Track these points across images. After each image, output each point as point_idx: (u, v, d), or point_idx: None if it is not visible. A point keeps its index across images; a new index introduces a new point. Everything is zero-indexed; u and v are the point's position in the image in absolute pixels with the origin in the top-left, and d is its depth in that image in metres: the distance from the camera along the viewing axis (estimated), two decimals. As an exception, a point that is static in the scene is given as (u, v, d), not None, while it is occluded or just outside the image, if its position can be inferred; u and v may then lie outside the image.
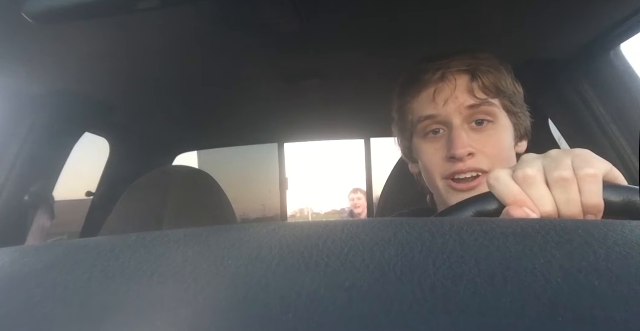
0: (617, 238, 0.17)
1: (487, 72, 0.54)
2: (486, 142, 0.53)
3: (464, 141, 0.52)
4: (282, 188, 1.84)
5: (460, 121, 0.54)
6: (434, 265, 0.15)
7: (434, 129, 0.56)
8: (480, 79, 0.53)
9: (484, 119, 0.54)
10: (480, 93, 0.54)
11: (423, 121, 0.56)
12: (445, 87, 0.54)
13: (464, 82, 0.54)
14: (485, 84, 0.54)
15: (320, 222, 0.23)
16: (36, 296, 0.16)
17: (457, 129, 0.53)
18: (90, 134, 1.18)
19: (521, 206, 0.33)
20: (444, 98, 0.54)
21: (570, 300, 0.13)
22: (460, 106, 0.53)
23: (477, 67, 0.54)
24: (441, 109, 0.54)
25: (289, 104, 1.23)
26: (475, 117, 0.54)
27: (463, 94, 0.54)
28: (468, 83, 0.54)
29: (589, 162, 0.33)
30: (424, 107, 0.56)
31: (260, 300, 0.14)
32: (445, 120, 0.54)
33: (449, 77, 0.54)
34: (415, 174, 0.65)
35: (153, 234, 0.22)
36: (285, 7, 0.65)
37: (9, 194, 0.91)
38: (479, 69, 0.54)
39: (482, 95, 0.54)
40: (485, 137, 0.53)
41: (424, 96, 0.56)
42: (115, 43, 0.74)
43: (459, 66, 0.54)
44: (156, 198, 0.75)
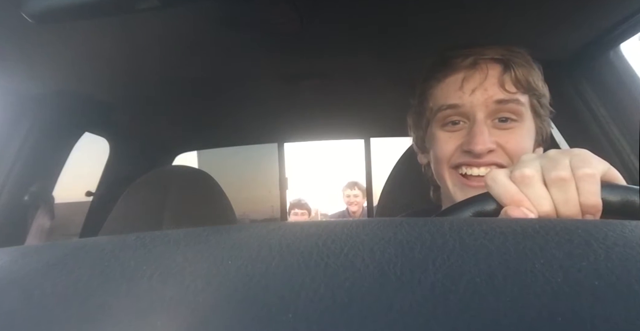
0: (617, 238, 0.17)
1: (520, 66, 0.51)
2: (509, 138, 0.50)
3: (486, 137, 0.49)
4: (282, 188, 1.84)
5: (484, 116, 0.51)
6: (434, 265, 0.15)
7: (454, 120, 0.53)
8: (513, 71, 0.50)
9: (509, 118, 0.51)
10: (512, 87, 0.51)
11: (445, 109, 0.53)
12: (476, 76, 0.51)
13: (496, 73, 0.51)
14: (518, 77, 0.50)
15: (320, 222, 0.23)
16: (36, 296, 0.16)
17: (479, 124, 0.50)
18: (90, 134, 1.18)
19: (519, 206, 0.33)
20: (472, 87, 0.51)
21: (570, 300, 0.13)
22: (489, 100, 0.50)
23: (511, 59, 0.51)
24: (467, 99, 0.51)
25: (289, 104, 1.23)
26: (500, 115, 0.51)
27: (493, 87, 0.51)
28: (500, 74, 0.51)
29: (586, 162, 0.32)
30: (448, 95, 0.53)
31: (260, 300, 0.14)
32: (469, 112, 0.51)
33: (481, 65, 0.51)
34: (423, 166, 0.63)
35: (153, 234, 0.22)
36: (285, 8, 0.65)
37: (9, 194, 0.91)
38: (513, 60, 0.51)
39: (513, 89, 0.50)
40: (508, 134, 0.51)
41: (451, 82, 0.53)
42: (115, 43, 0.74)
43: (493, 54, 0.51)
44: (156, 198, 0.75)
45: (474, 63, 0.52)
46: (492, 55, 0.51)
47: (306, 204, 2.52)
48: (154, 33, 0.72)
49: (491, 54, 0.51)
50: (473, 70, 0.52)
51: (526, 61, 0.52)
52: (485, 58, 0.51)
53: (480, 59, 0.52)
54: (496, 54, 0.51)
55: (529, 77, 0.51)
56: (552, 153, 0.35)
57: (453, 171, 0.53)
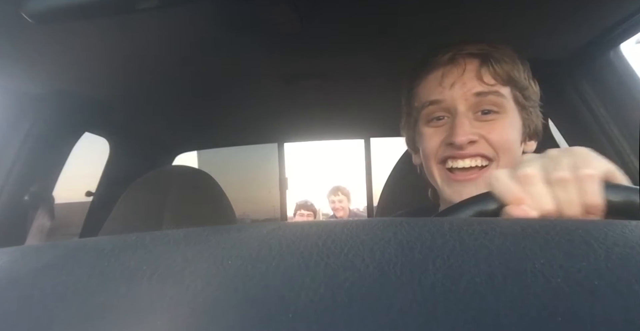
0: (617, 238, 0.17)
1: (499, 59, 0.52)
2: (491, 129, 0.51)
3: (466, 128, 0.50)
4: (282, 188, 1.84)
5: (465, 109, 0.51)
6: (434, 265, 0.15)
7: (438, 116, 0.54)
8: (491, 64, 0.51)
9: (491, 110, 0.52)
10: (490, 79, 0.51)
11: (427, 106, 0.54)
12: (454, 70, 0.52)
13: (474, 67, 0.52)
14: (496, 70, 0.51)
15: (320, 222, 0.23)
16: (36, 296, 0.16)
17: (460, 117, 0.51)
18: (90, 134, 1.18)
19: (520, 204, 0.33)
20: (450, 82, 0.52)
21: (570, 300, 0.13)
22: (467, 93, 0.51)
23: (490, 53, 0.52)
24: (447, 93, 0.52)
25: (289, 104, 1.23)
26: (481, 107, 0.52)
27: (472, 80, 0.51)
28: (477, 68, 0.52)
29: (587, 162, 0.33)
30: (430, 92, 0.54)
31: (260, 300, 0.14)
32: (450, 106, 0.52)
33: (459, 60, 0.52)
34: (418, 166, 0.64)
35: (153, 234, 0.22)
36: (285, 8, 0.65)
37: (9, 194, 0.91)
38: (491, 55, 0.52)
39: (492, 81, 0.51)
40: (489, 125, 0.51)
41: (432, 79, 0.54)
42: (115, 43, 0.74)
43: (471, 49, 0.52)
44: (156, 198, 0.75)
45: (452, 58, 0.53)
46: (470, 50, 0.52)
47: (312, 206, 2.52)
48: (154, 33, 0.72)
49: (469, 49, 0.52)
50: (451, 65, 0.53)
51: (507, 55, 0.53)
52: (462, 53, 0.52)
53: (458, 55, 0.53)
54: (474, 49, 0.52)
55: (509, 70, 0.52)
56: (553, 153, 0.35)
57: (440, 166, 0.54)
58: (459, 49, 0.53)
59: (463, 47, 0.53)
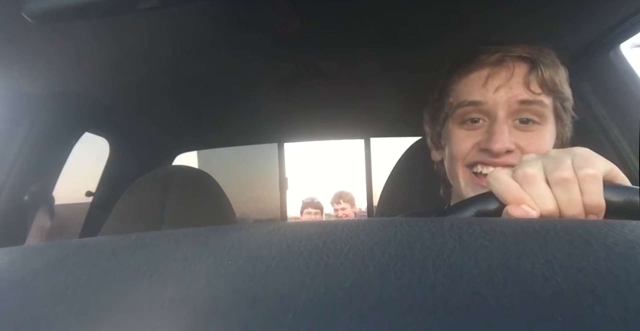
0: (617, 238, 0.17)
1: (548, 66, 0.49)
2: (530, 142, 0.49)
3: (505, 136, 0.48)
4: (282, 188, 1.84)
5: (505, 115, 0.49)
6: (434, 265, 0.15)
7: (473, 118, 0.51)
8: (540, 71, 0.49)
9: (531, 119, 0.50)
10: (537, 87, 0.49)
11: (466, 106, 0.51)
12: (502, 73, 0.50)
13: (522, 72, 0.49)
14: (544, 78, 0.49)
15: (320, 222, 0.23)
16: (36, 296, 0.16)
17: (500, 123, 0.49)
18: (90, 134, 1.18)
19: (520, 203, 0.33)
20: (496, 85, 0.49)
21: (570, 300, 0.13)
22: (512, 99, 0.49)
23: (539, 59, 0.49)
24: (490, 96, 0.49)
25: (289, 104, 1.23)
26: (522, 115, 0.49)
27: (518, 86, 0.49)
28: (526, 74, 0.49)
29: (589, 162, 0.32)
30: (471, 91, 0.51)
31: (260, 300, 0.14)
32: (490, 110, 0.50)
33: (508, 63, 0.50)
34: (436, 163, 0.62)
35: (153, 234, 0.22)
36: (285, 7, 0.65)
37: (9, 194, 0.91)
38: (540, 60, 0.49)
39: (538, 89, 0.49)
40: (529, 137, 0.49)
41: (475, 78, 0.51)
42: (116, 43, 0.74)
43: (521, 52, 0.50)
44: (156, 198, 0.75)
45: (501, 60, 0.50)
46: (519, 53, 0.50)
47: (319, 204, 2.50)
48: (154, 33, 0.72)
49: (519, 51, 0.50)
50: (499, 67, 0.50)
51: (553, 61, 0.51)
52: (512, 56, 0.50)
53: (507, 57, 0.50)
54: (524, 52, 0.50)
55: (555, 78, 0.50)
56: (554, 153, 0.35)
57: (467, 169, 0.52)
58: (507, 51, 0.50)
59: (511, 48, 0.50)
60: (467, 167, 0.52)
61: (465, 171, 0.52)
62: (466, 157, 0.51)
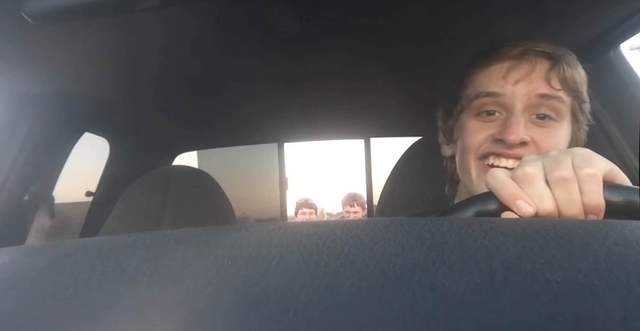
0: (617, 238, 0.17)
1: (570, 65, 0.49)
2: (545, 136, 0.48)
3: (521, 128, 0.47)
4: (282, 188, 1.84)
5: (523, 108, 0.49)
6: (434, 265, 0.15)
7: (489, 110, 0.51)
8: (562, 68, 0.49)
9: (547, 115, 0.49)
10: (557, 84, 0.49)
11: (483, 97, 0.51)
12: (523, 66, 0.49)
13: (544, 67, 0.49)
14: (565, 75, 0.49)
15: (320, 222, 0.23)
16: (36, 296, 0.16)
17: (517, 115, 0.48)
18: (90, 134, 1.18)
19: (516, 200, 0.33)
20: (516, 78, 0.49)
21: (570, 300, 0.13)
22: (532, 92, 0.48)
23: (562, 56, 0.50)
24: (509, 88, 0.49)
25: (289, 104, 1.23)
26: (539, 110, 0.49)
27: (539, 80, 0.49)
28: (547, 69, 0.49)
29: (589, 162, 0.32)
30: (490, 83, 0.51)
31: (260, 300, 0.14)
32: (508, 103, 0.49)
33: (530, 57, 0.50)
34: (446, 158, 0.62)
35: (153, 234, 0.22)
36: (285, 8, 0.65)
37: (9, 194, 0.91)
38: (563, 58, 0.49)
39: (558, 85, 0.49)
40: (543, 131, 0.49)
41: (495, 70, 0.51)
42: (116, 43, 0.74)
43: (544, 48, 0.50)
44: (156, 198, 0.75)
45: (523, 53, 0.50)
46: (542, 48, 0.50)
47: (313, 204, 2.49)
48: (154, 33, 0.72)
49: (542, 47, 0.50)
50: (520, 60, 0.50)
51: (575, 61, 0.51)
52: (535, 50, 0.50)
53: (530, 50, 0.50)
54: (547, 48, 0.50)
55: (576, 77, 0.50)
56: (554, 153, 0.35)
57: (479, 161, 0.51)
58: (531, 45, 0.50)
59: (535, 43, 0.50)
60: (479, 159, 0.51)
61: (477, 163, 0.51)
62: (479, 148, 0.51)
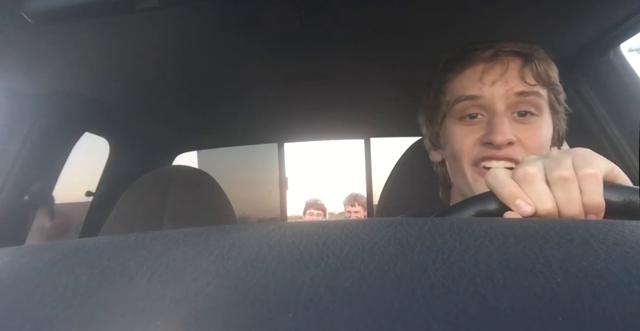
0: (617, 238, 0.17)
1: (541, 60, 0.51)
2: (529, 133, 0.50)
3: (506, 128, 0.48)
4: (282, 188, 1.84)
5: (504, 108, 0.50)
6: (434, 265, 0.15)
7: (471, 114, 0.52)
8: (534, 64, 0.50)
9: (528, 111, 0.51)
10: (532, 79, 0.50)
11: (463, 101, 0.52)
12: (496, 67, 0.51)
13: (517, 66, 0.51)
14: (538, 71, 0.50)
15: (320, 222, 0.23)
16: (36, 296, 0.16)
17: (500, 115, 0.49)
18: (90, 134, 1.18)
19: (515, 198, 0.33)
20: (492, 79, 0.50)
21: (570, 300, 0.13)
22: (509, 91, 0.50)
23: (532, 53, 0.51)
24: (487, 90, 0.50)
25: (289, 104, 1.23)
26: (519, 108, 0.50)
27: (514, 79, 0.50)
28: (520, 67, 0.50)
29: (589, 162, 0.33)
30: (467, 86, 0.52)
31: (260, 300, 0.14)
32: (488, 104, 0.50)
33: (502, 58, 0.51)
34: (436, 164, 0.62)
35: (153, 234, 0.22)
36: (285, 8, 0.65)
37: (9, 194, 0.91)
38: (533, 54, 0.51)
39: (533, 81, 0.50)
40: (528, 129, 0.50)
41: (470, 74, 0.52)
42: (116, 43, 0.74)
43: (514, 47, 0.51)
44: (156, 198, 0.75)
45: (495, 55, 0.51)
46: (512, 48, 0.51)
47: (322, 205, 2.47)
48: (154, 33, 0.72)
49: (511, 46, 0.51)
50: (493, 62, 0.51)
51: (545, 56, 0.52)
52: (505, 50, 0.51)
53: (500, 51, 0.51)
54: (516, 47, 0.51)
55: (549, 71, 0.51)
56: (554, 153, 0.35)
57: (474, 167, 0.52)
58: (501, 46, 0.51)
59: (504, 44, 0.51)
60: (473, 164, 0.52)
61: (472, 169, 0.52)
62: (470, 153, 0.52)
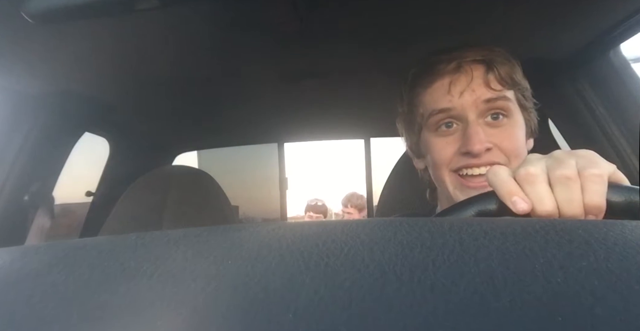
0: (617, 238, 0.17)
1: (502, 64, 0.53)
2: (503, 137, 0.52)
3: (481, 136, 0.50)
4: (282, 188, 1.84)
5: (475, 116, 0.52)
6: (434, 265, 0.15)
7: (446, 123, 0.54)
8: (496, 69, 0.52)
9: (500, 114, 0.53)
10: (497, 85, 0.52)
11: (436, 114, 0.54)
12: (462, 78, 0.53)
13: (480, 74, 0.53)
14: (501, 75, 0.52)
15: (320, 222, 0.23)
16: (36, 296, 0.16)
17: (473, 125, 0.52)
18: (90, 134, 1.18)
19: (512, 195, 0.33)
20: (459, 90, 0.52)
21: (570, 300, 0.13)
22: (477, 100, 0.52)
23: (493, 58, 0.53)
24: (456, 102, 0.52)
25: (289, 104, 1.23)
26: (491, 112, 0.53)
27: (480, 87, 0.52)
28: (484, 74, 0.53)
29: (594, 163, 0.33)
30: (437, 100, 0.54)
31: (260, 300, 0.14)
32: (460, 114, 0.53)
33: (465, 68, 0.53)
34: (420, 170, 0.64)
35: (153, 234, 0.22)
36: (285, 7, 0.65)
37: (9, 194, 0.91)
38: (494, 60, 0.53)
39: (498, 86, 0.52)
40: (501, 132, 0.52)
41: (438, 87, 0.54)
42: (115, 43, 0.74)
43: (475, 56, 0.53)
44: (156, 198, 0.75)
45: (458, 67, 0.53)
46: (473, 57, 0.53)
47: (322, 206, 2.45)
48: (154, 33, 0.72)
49: (472, 55, 0.53)
50: (458, 73, 0.53)
51: (506, 58, 0.54)
52: (467, 60, 0.53)
53: (463, 62, 0.53)
54: (477, 56, 0.53)
55: (512, 73, 0.53)
56: (558, 153, 0.35)
57: (453, 174, 0.54)
58: (462, 57, 0.53)
59: (465, 54, 0.53)
60: (453, 172, 0.54)
61: (451, 175, 0.54)
62: (450, 163, 0.54)
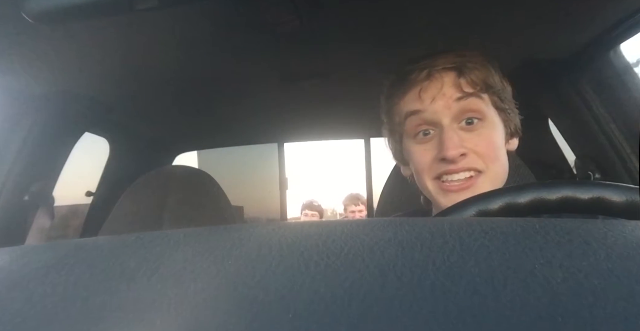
0: (617, 238, 0.17)
1: (473, 69, 0.53)
2: (478, 141, 0.52)
3: (455, 141, 0.51)
4: (282, 188, 1.84)
5: (449, 120, 0.53)
6: (434, 265, 0.15)
7: (424, 130, 0.55)
8: (467, 75, 0.52)
9: (474, 117, 0.53)
10: (469, 88, 0.53)
11: (409, 116, 0.55)
12: (432, 86, 0.53)
13: (451, 80, 0.53)
14: (473, 80, 0.53)
15: (320, 222, 0.23)
16: (36, 296, 0.16)
17: (447, 130, 0.52)
18: (90, 134, 1.18)
19: None
20: (431, 96, 0.53)
21: (570, 300, 0.13)
22: (449, 101, 0.52)
23: (464, 64, 0.53)
24: (428, 106, 0.53)
25: (289, 104, 1.23)
26: (464, 116, 0.53)
27: (450, 89, 0.53)
28: (455, 79, 0.53)
29: None
30: (409, 104, 0.55)
31: (260, 300, 0.14)
32: (434, 118, 0.53)
33: (435, 76, 0.53)
34: (408, 177, 0.65)
35: (153, 234, 0.22)
36: (285, 7, 0.65)
37: (9, 194, 0.91)
38: (465, 66, 0.53)
39: (470, 90, 0.52)
40: (476, 136, 0.52)
41: (411, 95, 0.55)
42: (115, 43, 0.74)
43: (445, 63, 0.53)
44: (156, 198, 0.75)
45: (429, 75, 0.54)
46: (444, 64, 0.53)
47: (318, 206, 2.47)
48: (154, 33, 0.72)
49: (443, 63, 0.53)
50: (428, 81, 0.54)
51: (479, 62, 0.54)
52: (438, 69, 0.53)
53: (433, 70, 0.53)
54: (448, 63, 0.53)
55: (485, 78, 0.53)
56: None
57: (435, 181, 0.55)
58: (433, 65, 0.54)
59: (435, 62, 0.54)
60: (434, 179, 0.54)
61: (433, 183, 0.55)
62: (430, 170, 0.54)
